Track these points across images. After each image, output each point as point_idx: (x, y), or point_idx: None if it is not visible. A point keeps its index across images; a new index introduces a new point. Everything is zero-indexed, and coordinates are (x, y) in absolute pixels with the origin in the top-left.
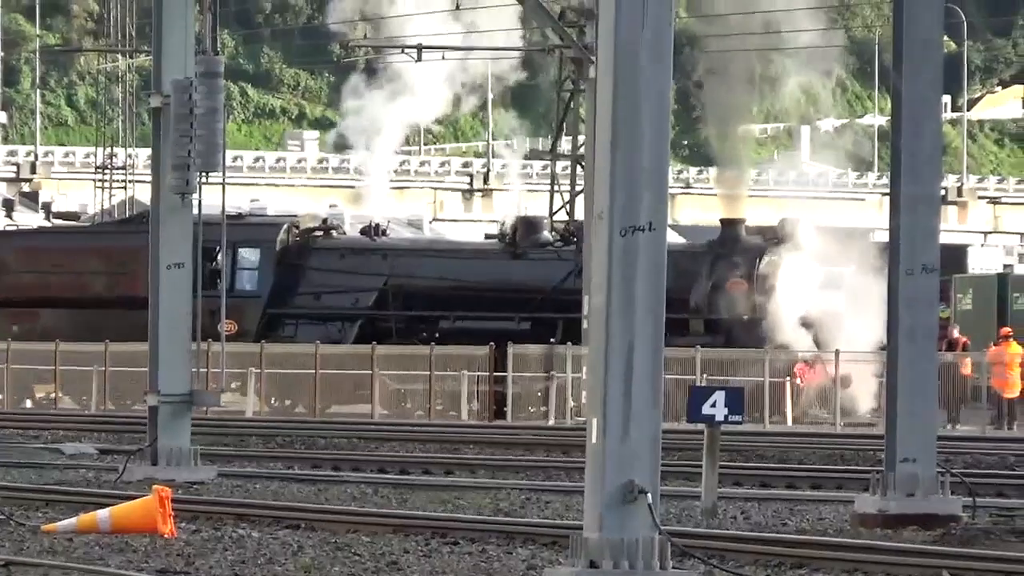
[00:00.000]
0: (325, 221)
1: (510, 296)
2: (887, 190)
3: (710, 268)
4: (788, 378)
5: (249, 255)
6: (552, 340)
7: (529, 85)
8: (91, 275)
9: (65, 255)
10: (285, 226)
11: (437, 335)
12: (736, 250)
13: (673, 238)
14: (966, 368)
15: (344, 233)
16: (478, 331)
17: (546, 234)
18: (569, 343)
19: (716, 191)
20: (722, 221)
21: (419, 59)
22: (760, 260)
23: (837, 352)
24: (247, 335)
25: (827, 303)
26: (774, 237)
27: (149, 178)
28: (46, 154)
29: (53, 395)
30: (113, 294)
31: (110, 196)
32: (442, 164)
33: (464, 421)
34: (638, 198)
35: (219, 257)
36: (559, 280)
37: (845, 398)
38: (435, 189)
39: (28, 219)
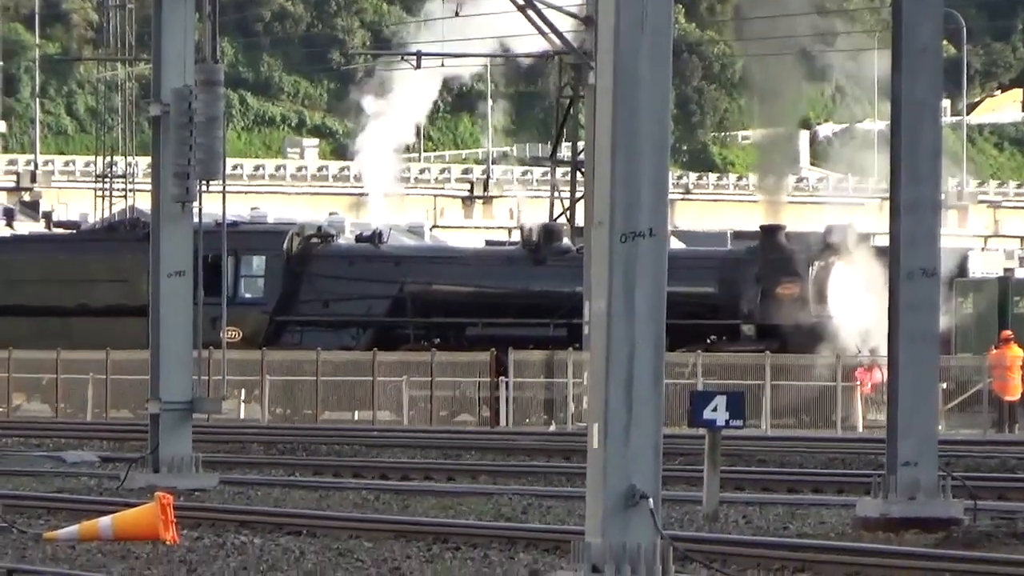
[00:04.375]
0: (320, 229)
1: (540, 302)
2: (886, 195)
3: (758, 274)
4: (858, 384)
5: (255, 263)
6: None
7: (529, 92)
8: (66, 283)
9: (38, 264)
10: (290, 233)
11: (464, 342)
12: (784, 256)
13: (674, 244)
14: None
15: (337, 241)
16: (509, 337)
17: (566, 241)
18: (570, 348)
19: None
20: (762, 228)
21: (418, 66)
22: (812, 265)
23: (837, 357)
24: (253, 343)
25: (879, 307)
26: (821, 243)
27: (149, 187)
28: (46, 163)
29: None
30: (85, 302)
31: (110, 205)
32: (442, 171)
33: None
34: (638, 204)
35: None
36: None
37: None
38: (435, 196)
39: (29, 228)
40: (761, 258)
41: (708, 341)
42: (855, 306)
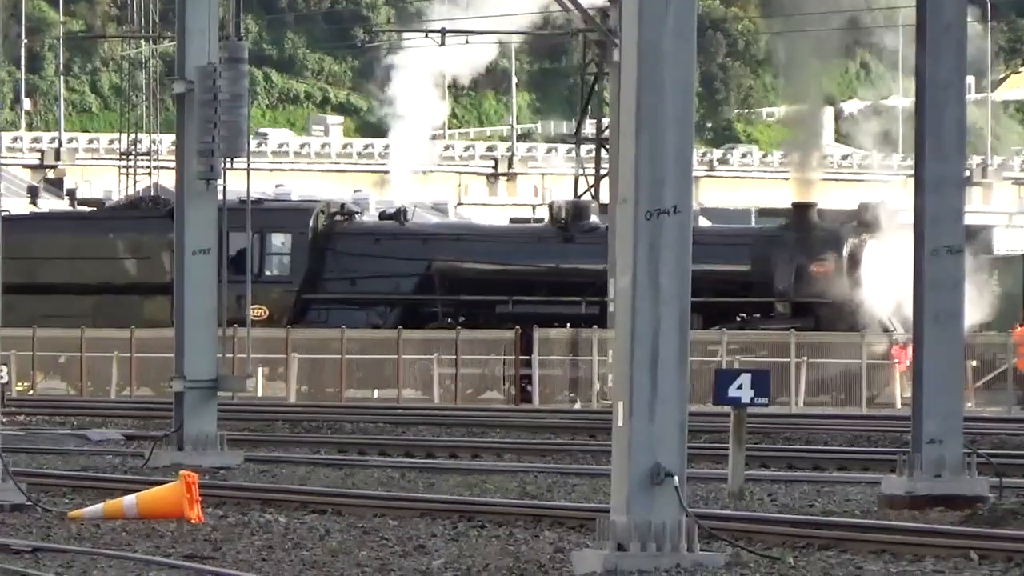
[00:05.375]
0: (343, 206)
1: (571, 280)
2: (911, 171)
3: (791, 251)
4: (897, 362)
5: (281, 240)
6: None
7: (554, 69)
8: (89, 261)
9: (61, 242)
10: (316, 211)
11: (493, 320)
12: (817, 233)
13: (702, 222)
14: None
15: (361, 218)
16: (540, 315)
17: (595, 218)
18: (595, 326)
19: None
20: (794, 205)
21: (443, 43)
22: (845, 242)
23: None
24: (280, 321)
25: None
26: (854, 220)
27: (173, 164)
28: (70, 141)
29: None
30: (108, 280)
31: (134, 182)
32: (466, 148)
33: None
34: (662, 181)
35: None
36: None
37: None
38: (460, 173)
39: (53, 206)
40: (794, 235)
41: (737, 319)
42: (889, 283)
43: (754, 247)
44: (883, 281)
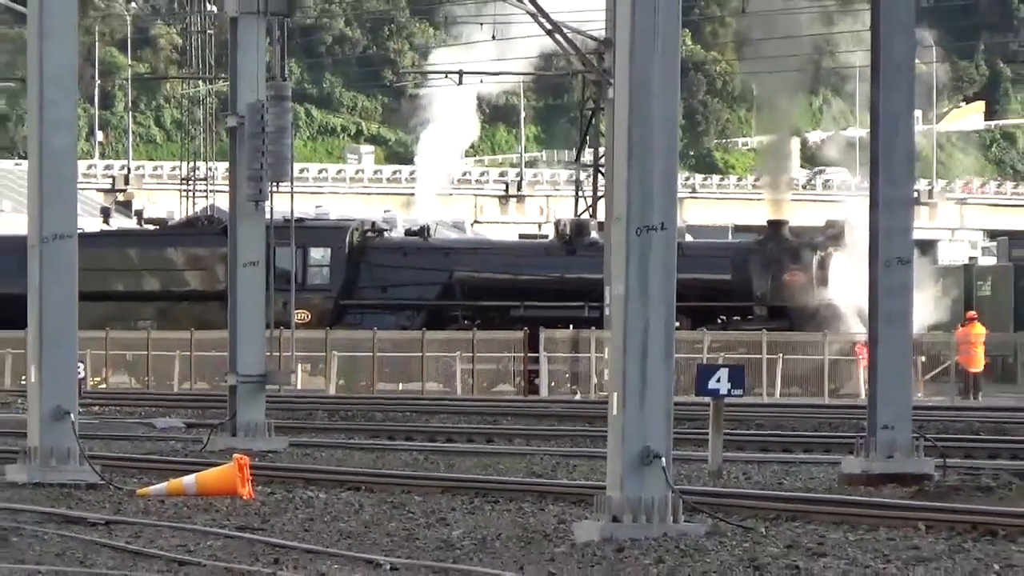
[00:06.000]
0: (374, 224)
1: (575, 288)
2: (867, 192)
3: (767, 262)
4: (860, 358)
5: (322, 254)
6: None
7: (556, 105)
8: (153, 272)
9: (129, 255)
10: (351, 228)
11: (508, 323)
12: (790, 246)
13: (685, 237)
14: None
15: (391, 234)
16: (547, 318)
17: (594, 234)
18: (593, 327)
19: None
20: (769, 222)
21: (460, 83)
22: (814, 254)
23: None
24: (321, 324)
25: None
26: (822, 234)
27: (227, 188)
28: (137, 168)
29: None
30: (170, 288)
31: (193, 204)
32: (481, 173)
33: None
34: (651, 202)
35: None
36: None
37: None
38: (475, 195)
39: (122, 224)
40: (770, 248)
41: (719, 321)
42: (851, 289)
43: (734, 259)
44: (846, 287)
